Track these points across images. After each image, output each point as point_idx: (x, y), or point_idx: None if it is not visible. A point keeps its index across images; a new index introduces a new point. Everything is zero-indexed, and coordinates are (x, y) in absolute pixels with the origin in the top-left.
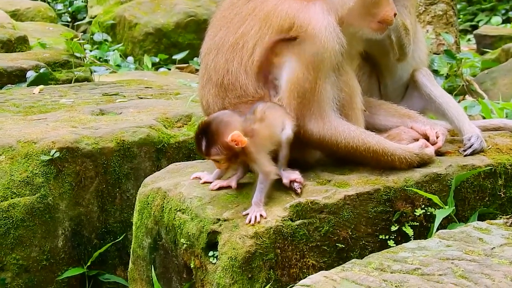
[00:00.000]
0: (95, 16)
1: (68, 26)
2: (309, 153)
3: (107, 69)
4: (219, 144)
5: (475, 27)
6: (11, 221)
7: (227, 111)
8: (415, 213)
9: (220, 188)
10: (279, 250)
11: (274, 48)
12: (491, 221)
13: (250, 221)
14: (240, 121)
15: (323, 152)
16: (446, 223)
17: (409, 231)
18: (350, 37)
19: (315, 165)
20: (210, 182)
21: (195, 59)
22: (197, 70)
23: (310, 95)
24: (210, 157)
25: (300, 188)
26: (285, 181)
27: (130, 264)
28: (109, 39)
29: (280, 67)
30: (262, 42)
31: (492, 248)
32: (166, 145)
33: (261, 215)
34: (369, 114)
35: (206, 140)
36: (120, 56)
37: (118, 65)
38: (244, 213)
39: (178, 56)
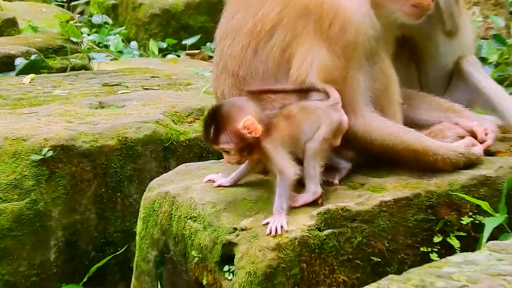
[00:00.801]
0: None
1: (63, 6)
2: (340, 151)
3: (107, 56)
4: (229, 131)
5: None
6: None
7: (242, 97)
8: (461, 221)
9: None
10: (305, 264)
11: (297, 33)
12: None
13: (270, 232)
14: (256, 109)
15: (356, 151)
16: (497, 233)
17: (455, 243)
18: (384, 20)
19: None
20: (226, 187)
21: (208, 44)
22: (210, 57)
23: (341, 86)
24: (218, 145)
25: (321, 197)
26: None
27: (133, 280)
28: (110, 21)
29: (307, 55)
30: (283, 25)
31: None
32: (175, 143)
33: (281, 227)
34: (407, 107)
35: (215, 126)
36: (122, 41)
37: (120, 51)
38: (264, 222)
39: (188, 41)
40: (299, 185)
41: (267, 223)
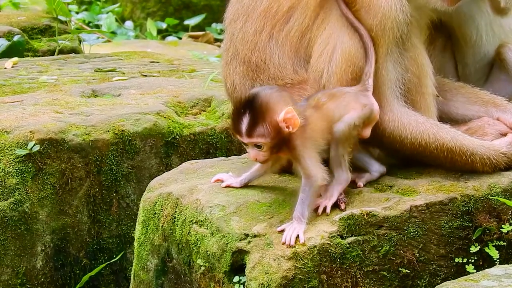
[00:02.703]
0: None
1: None
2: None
3: (99, 38)
4: (267, 123)
5: None
6: None
7: (275, 86)
8: (501, 229)
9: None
10: (324, 276)
11: (318, 16)
12: None
13: (285, 242)
14: (293, 101)
15: (383, 149)
16: None
17: (494, 253)
18: (416, 2)
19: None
20: (236, 188)
21: (213, 25)
22: (216, 40)
23: None
24: (252, 138)
25: (345, 202)
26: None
27: None
28: None
29: (328, 40)
30: (302, 6)
31: None
32: (178, 137)
33: (297, 237)
34: (443, 100)
35: (251, 116)
36: (116, 20)
37: (113, 32)
38: (280, 228)
39: (191, 21)
40: None
41: (283, 230)
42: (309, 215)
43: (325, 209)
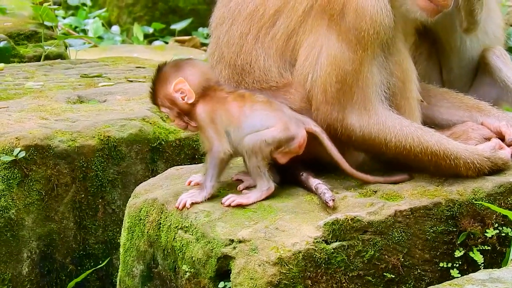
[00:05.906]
0: None
1: None
2: (349, 155)
3: (85, 43)
4: (162, 93)
5: None
6: None
7: (194, 59)
8: (485, 234)
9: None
10: (310, 281)
11: (305, 20)
12: None
13: (177, 205)
14: (201, 72)
15: (368, 153)
16: None
17: (478, 258)
18: (399, 10)
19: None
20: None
21: (200, 29)
22: (202, 44)
23: (353, 80)
24: (159, 108)
25: (333, 200)
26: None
27: None
28: (88, 2)
29: (314, 44)
30: (288, 10)
31: None
32: (163, 143)
33: (192, 203)
34: (427, 105)
35: (152, 87)
36: (103, 25)
37: (100, 37)
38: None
39: (178, 26)
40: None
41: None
42: (213, 186)
43: (232, 202)
